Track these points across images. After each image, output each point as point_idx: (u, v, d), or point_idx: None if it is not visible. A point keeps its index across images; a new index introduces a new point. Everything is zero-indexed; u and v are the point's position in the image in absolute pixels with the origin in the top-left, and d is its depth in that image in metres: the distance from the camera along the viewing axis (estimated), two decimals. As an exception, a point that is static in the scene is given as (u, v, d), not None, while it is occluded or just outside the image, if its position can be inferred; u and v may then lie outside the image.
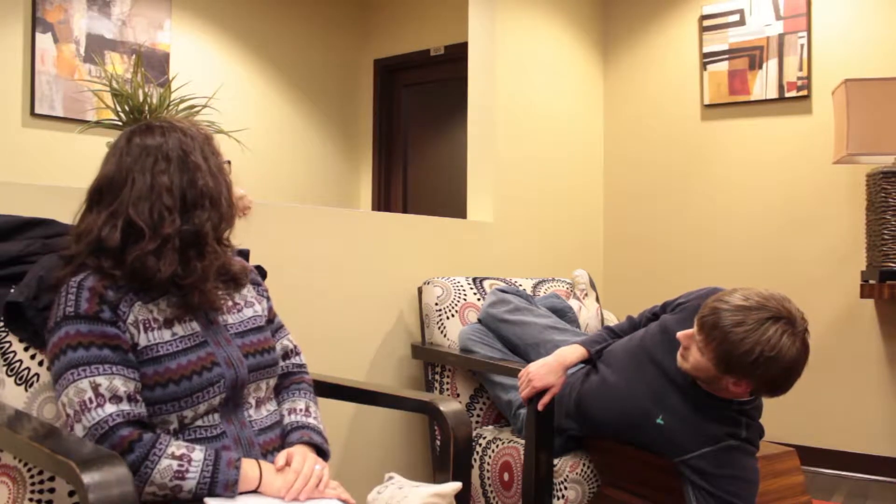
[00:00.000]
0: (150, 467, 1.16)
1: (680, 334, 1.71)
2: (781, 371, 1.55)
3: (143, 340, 1.24)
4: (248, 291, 1.45)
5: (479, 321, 2.41)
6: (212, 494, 1.18)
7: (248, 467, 1.23)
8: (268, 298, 1.52)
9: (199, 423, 1.27)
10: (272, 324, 1.52)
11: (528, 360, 2.18)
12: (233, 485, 1.19)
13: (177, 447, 1.19)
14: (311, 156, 4.70)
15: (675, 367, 1.78)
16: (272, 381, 1.42)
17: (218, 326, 1.35)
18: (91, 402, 1.16)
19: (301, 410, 1.44)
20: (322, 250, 2.37)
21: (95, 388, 1.17)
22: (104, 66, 3.61)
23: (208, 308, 1.32)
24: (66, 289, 1.23)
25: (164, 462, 1.16)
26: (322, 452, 1.39)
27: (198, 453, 1.19)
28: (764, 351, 1.52)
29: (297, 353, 1.55)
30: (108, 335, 1.21)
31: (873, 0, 3.31)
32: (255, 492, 1.22)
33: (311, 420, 1.43)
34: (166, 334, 1.26)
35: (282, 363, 1.50)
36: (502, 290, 2.42)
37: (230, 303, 1.39)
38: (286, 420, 1.42)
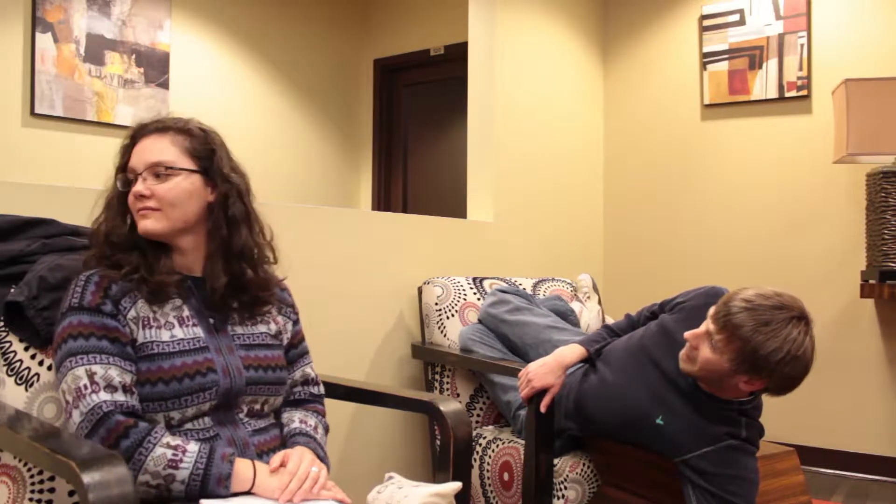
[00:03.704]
0: (144, 454, 1.16)
1: (688, 334, 1.70)
2: (802, 369, 1.57)
3: (140, 337, 1.26)
4: (271, 306, 1.45)
5: (480, 321, 2.41)
6: (204, 486, 1.18)
7: (243, 467, 1.22)
8: (295, 322, 1.51)
9: (189, 425, 1.27)
10: (296, 348, 1.50)
11: (528, 360, 2.18)
12: (226, 478, 1.19)
13: (172, 438, 1.20)
14: (311, 156, 4.70)
15: (675, 368, 1.78)
16: (273, 401, 1.41)
17: (225, 335, 1.35)
18: (86, 388, 1.18)
19: (310, 425, 1.44)
20: (322, 250, 2.37)
21: (91, 375, 1.19)
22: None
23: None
24: (76, 281, 1.27)
25: (159, 450, 1.17)
26: None
27: (193, 445, 1.20)
28: (791, 350, 1.54)
29: (317, 384, 1.55)
30: (107, 327, 1.23)
31: (873, 0, 3.31)
32: (249, 493, 1.22)
33: (317, 436, 1.43)
34: (164, 335, 1.27)
35: (299, 389, 1.50)
36: (502, 291, 2.42)
37: (245, 314, 1.39)
38: (293, 425, 1.42)
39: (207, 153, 1.35)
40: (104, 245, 1.31)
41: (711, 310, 1.66)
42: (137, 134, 1.35)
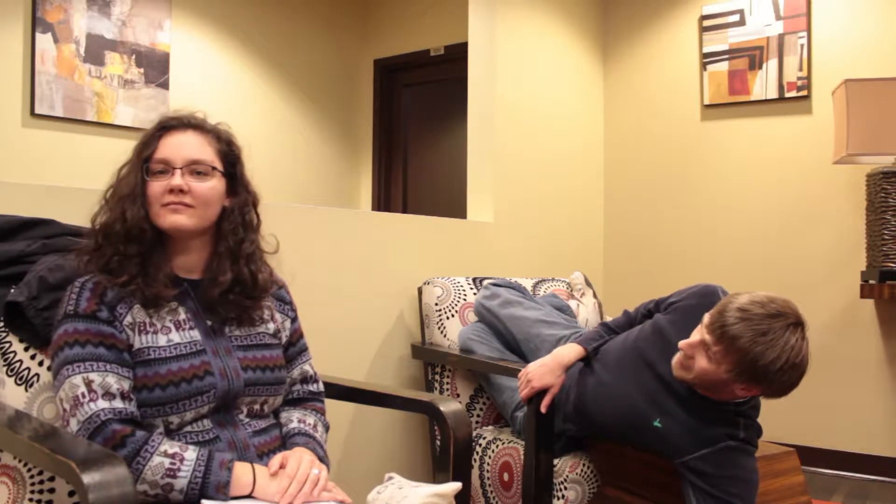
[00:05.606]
0: (141, 463, 1.16)
1: (682, 344, 1.68)
2: (799, 375, 1.56)
3: (136, 343, 1.25)
4: (266, 308, 1.44)
5: (475, 313, 2.42)
6: (203, 495, 1.17)
7: (242, 472, 1.22)
8: (293, 320, 1.50)
9: (188, 428, 1.26)
10: (294, 346, 1.50)
11: (524, 356, 2.18)
12: (224, 486, 1.18)
13: (170, 445, 1.19)
14: (311, 156, 4.70)
15: (670, 370, 1.77)
16: (273, 401, 1.40)
17: (222, 337, 1.34)
18: (84, 396, 1.17)
19: (309, 424, 1.43)
20: (322, 250, 2.37)
21: (88, 383, 1.18)
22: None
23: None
24: (71, 288, 1.26)
25: (157, 459, 1.16)
26: None
27: (190, 452, 1.19)
28: (789, 358, 1.53)
29: (316, 381, 1.54)
30: (103, 334, 1.22)
31: (873, 0, 3.31)
32: (249, 496, 1.21)
33: (316, 434, 1.42)
34: (161, 339, 1.26)
35: (298, 387, 1.50)
36: (495, 284, 2.44)
37: (242, 315, 1.38)
38: (292, 425, 1.41)
39: (234, 159, 1.38)
40: (100, 235, 1.28)
41: (706, 318, 1.64)
42: (170, 126, 1.33)
